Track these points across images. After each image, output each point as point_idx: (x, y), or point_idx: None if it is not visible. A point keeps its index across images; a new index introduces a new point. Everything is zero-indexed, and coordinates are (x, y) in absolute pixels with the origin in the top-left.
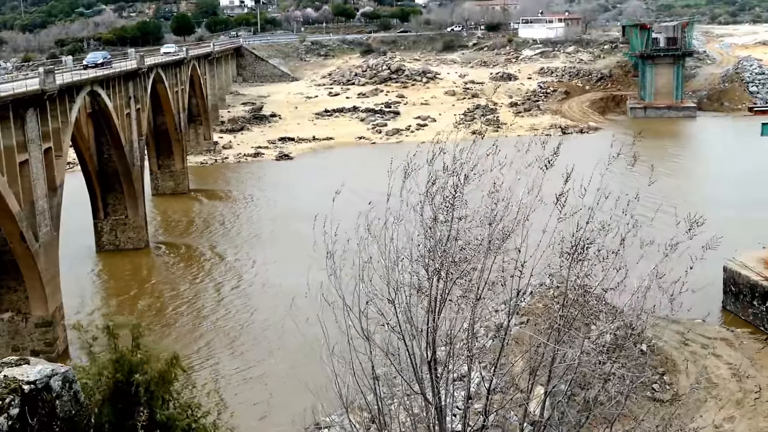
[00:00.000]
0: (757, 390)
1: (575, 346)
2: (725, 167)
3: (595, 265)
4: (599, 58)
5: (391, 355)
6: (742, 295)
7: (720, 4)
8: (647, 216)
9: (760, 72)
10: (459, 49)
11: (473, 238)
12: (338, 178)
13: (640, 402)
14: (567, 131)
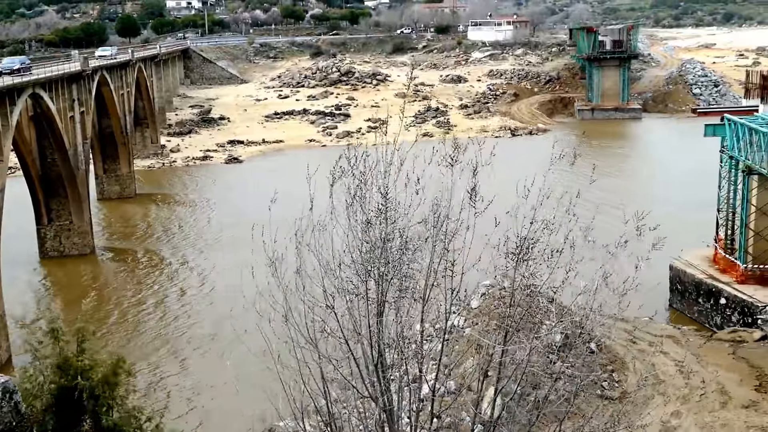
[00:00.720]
0: (702, 385)
1: (524, 346)
2: (671, 168)
3: (540, 264)
4: (547, 60)
5: (342, 360)
6: (688, 293)
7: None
8: (594, 216)
9: (702, 74)
10: (409, 51)
11: (414, 240)
12: (288, 181)
13: (590, 400)
14: (516, 133)
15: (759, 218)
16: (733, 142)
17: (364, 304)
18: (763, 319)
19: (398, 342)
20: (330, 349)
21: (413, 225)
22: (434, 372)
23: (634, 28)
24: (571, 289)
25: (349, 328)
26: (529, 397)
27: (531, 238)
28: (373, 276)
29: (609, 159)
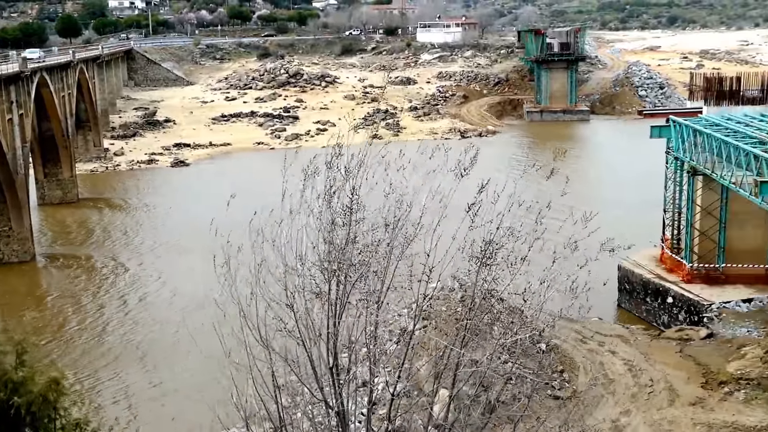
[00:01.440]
0: (650, 384)
1: (480, 349)
2: (619, 169)
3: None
4: (496, 62)
5: (292, 363)
6: (636, 293)
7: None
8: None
9: (648, 77)
10: (358, 53)
11: (373, 242)
12: (236, 184)
13: (542, 401)
14: (466, 135)
15: (704, 218)
16: (678, 144)
17: (323, 305)
18: (708, 318)
19: (354, 345)
20: (283, 351)
21: (376, 228)
22: (388, 375)
23: (581, 31)
24: (521, 290)
25: (306, 329)
26: (482, 400)
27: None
28: (337, 277)
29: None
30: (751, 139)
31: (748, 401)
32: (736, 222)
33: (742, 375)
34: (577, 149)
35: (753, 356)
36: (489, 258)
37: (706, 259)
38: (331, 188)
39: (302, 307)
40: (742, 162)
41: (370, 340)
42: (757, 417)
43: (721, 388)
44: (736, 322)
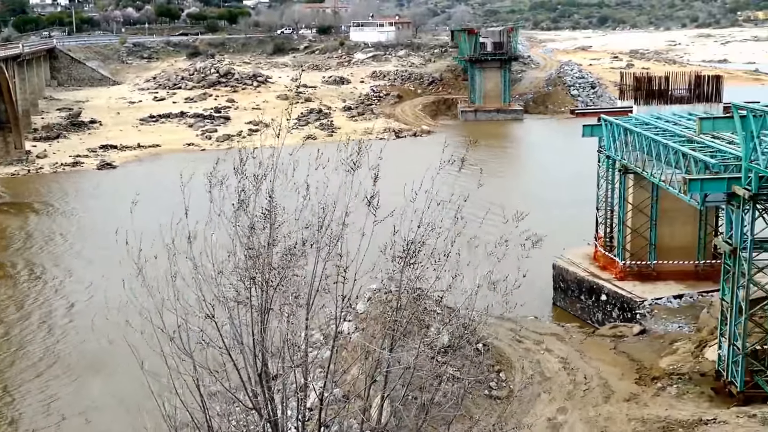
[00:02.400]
0: (586, 381)
1: (411, 349)
2: (553, 168)
3: (427, 267)
4: (430, 62)
5: (217, 372)
6: (571, 291)
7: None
8: (477, 216)
9: (580, 76)
10: (290, 52)
11: (297, 245)
12: (165, 187)
13: (478, 401)
14: (401, 135)
15: (635, 216)
16: (610, 142)
17: (246, 312)
18: (641, 314)
19: (283, 350)
20: (211, 360)
21: (299, 230)
22: (321, 380)
23: (514, 30)
24: (455, 290)
25: (230, 337)
26: (417, 401)
27: (418, 242)
28: (257, 282)
29: (492, 160)
30: (679, 137)
31: (680, 396)
32: (666, 219)
33: (674, 370)
34: (512, 148)
35: (684, 351)
36: (412, 257)
37: (638, 256)
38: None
39: (224, 317)
40: (671, 160)
41: (297, 345)
42: (688, 411)
43: (654, 384)
44: (667, 318)
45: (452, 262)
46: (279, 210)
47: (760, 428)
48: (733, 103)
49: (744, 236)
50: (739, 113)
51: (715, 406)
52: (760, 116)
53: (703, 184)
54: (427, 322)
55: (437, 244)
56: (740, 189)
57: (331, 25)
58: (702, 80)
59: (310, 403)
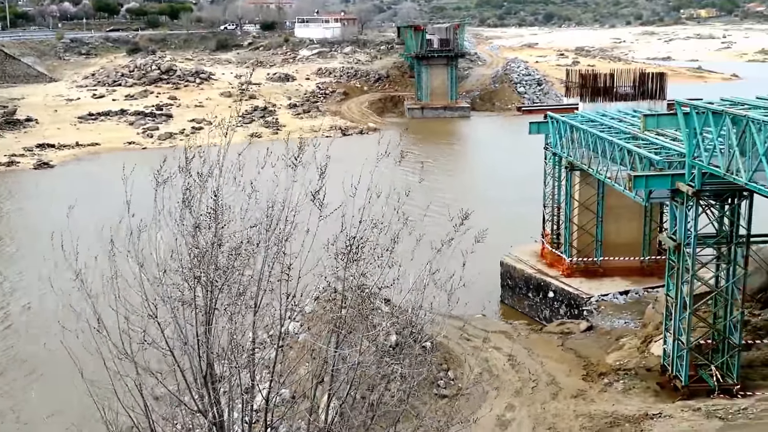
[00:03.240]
0: (534, 378)
1: (356, 348)
2: (500, 165)
3: (370, 264)
4: (376, 58)
5: (159, 374)
6: (518, 288)
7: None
8: (424, 213)
9: (526, 73)
10: (234, 48)
11: (244, 243)
12: (105, 186)
13: (426, 400)
14: (347, 132)
15: (582, 213)
16: (556, 140)
17: (191, 312)
18: (588, 310)
19: (228, 351)
20: (156, 362)
21: (245, 229)
22: (267, 381)
23: (460, 27)
24: (401, 287)
25: (174, 338)
26: (364, 401)
27: (360, 238)
28: (202, 282)
29: (439, 157)
30: (624, 134)
31: (626, 391)
32: (612, 216)
33: (620, 366)
34: (459, 146)
35: (630, 347)
36: (356, 253)
37: (585, 252)
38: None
39: (167, 317)
40: (616, 157)
41: (242, 346)
42: (634, 406)
43: (601, 380)
44: (614, 314)
45: (397, 259)
46: (224, 209)
47: (704, 421)
48: (676, 100)
49: (688, 232)
50: (683, 110)
51: (661, 400)
52: (702, 113)
53: (647, 180)
54: (373, 321)
55: (381, 241)
56: (684, 185)
57: (275, 21)
58: (646, 77)
59: (256, 404)
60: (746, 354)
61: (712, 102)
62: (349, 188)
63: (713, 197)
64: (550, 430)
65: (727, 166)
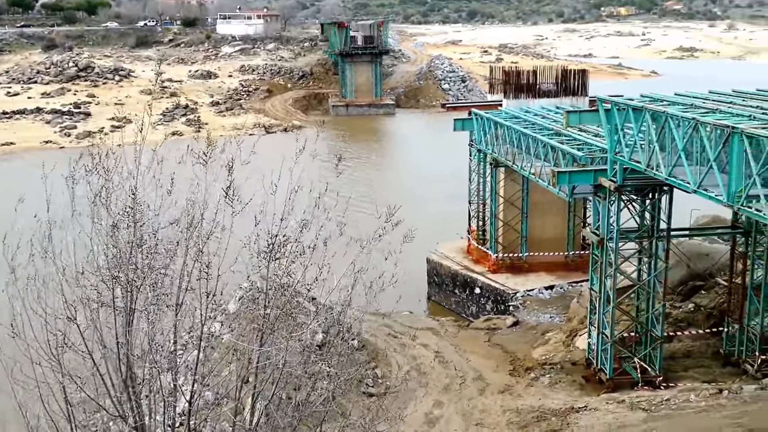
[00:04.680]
0: (461, 374)
1: (281, 347)
2: (424, 162)
3: (293, 262)
4: (300, 55)
5: (78, 378)
6: (445, 285)
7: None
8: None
9: (450, 70)
10: (154, 45)
11: (165, 243)
12: (20, 187)
13: (354, 399)
14: (271, 130)
15: (507, 209)
16: (481, 136)
17: (110, 314)
18: (514, 306)
19: (150, 353)
20: (74, 365)
21: (164, 227)
22: (190, 383)
23: (384, 24)
24: (327, 286)
25: (94, 340)
26: (290, 401)
27: (283, 236)
28: (121, 283)
29: (365, 155)
30: (548, 131)
31: (552, 385)
32: (537, 212)
33: (546, 360)
34: (384, 143)
35: (556, 341)
36: (278, 251)
37: (511, 248)
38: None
39: (87, 319)
40: (540, 153)
41: (164, 347)
42: (561, 399)
43: (527, 374)
44: (539, 309)
45: (322, 257)
46: (143, 208)
47: (628, 413)
48: (597, 96)
49: (610, 227)
50: (604, 107)
51: (586, 393)
52: (623, 110)
53: (570, 176)
54: (298, 319)
55: (304, 238)
56: (606, 181)
57: (196, 17)
58: (568, 74)
59: (180, 407)
60: (668, 346)
61: (633, 98)
62: (269, 186)
63: (635, 192)
64: (478, 425)
65: (648, 161)
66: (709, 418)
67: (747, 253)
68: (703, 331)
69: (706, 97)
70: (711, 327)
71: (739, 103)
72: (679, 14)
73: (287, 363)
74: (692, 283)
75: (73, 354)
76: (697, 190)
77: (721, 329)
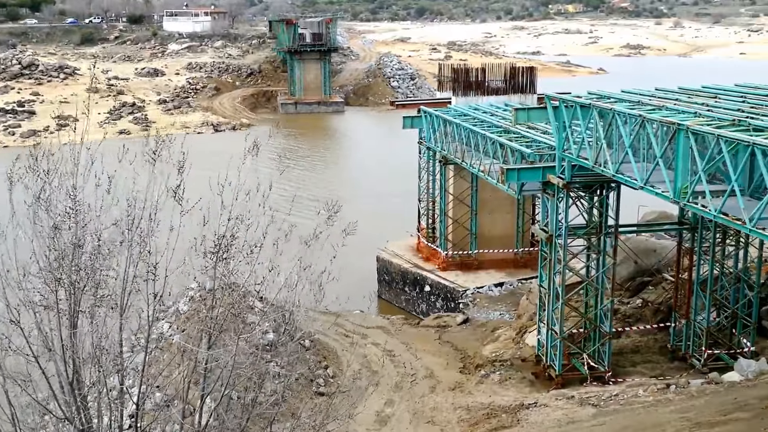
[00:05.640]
0: (412, 372)
1: (229, 348)
2: (374, 160)
3: (240, 261)
4: (248, 53)
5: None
6: (395, 283)
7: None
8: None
9: (399, 68)
10: (99, 42)
11: (107, 243)
12: None
13: (304, 398)
14: (219, 128)
15: (456, 206)
16: (430, 134)
17: (54, 316)
18: (464, 303)
19: (95, 356)
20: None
21: (107, 228)
22: (138, 386)
23: (333, 21)
24: (275, 285)
25: (38, 344)
26: (240, 401)
27: (230, 236)
28: (64, 285)
29: (315, 153)
30: (496, 128)
31: (502, 382)
32: (486, 209)
33: (496, 357)
34: (334, 141)
35: (506, 338)
36: (224, 251)
37: (460, 246)
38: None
39: (31, 322)
40: (489, 150)
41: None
42: (511, 396)
43: (478, 371)
44: (489, 306)
45: (269, 256)
46: (85, 208)
47: (578, 409)
48: (546, 94)
49: (559, 224)
50: (552, 104)
51: (536, 390)
52: (571, 107)
53: (519, 173)
54: (247, 319)
55: (252, 238)
56: (554, 178)
57: (142, 14)
58: (517, 72)
59: (129, 410)
60: (617, 342)
61: (580, 96)
62: (216, 185)
63: (583, 189)
64: (429, 423)
65: (596, 158)
66: (657, 413)
67: (693, 248)
68: (651, 327)
69: (652, 94)
70: (658, 322)
71: (685, 100)
72: (626, 12)
73: (236, 364)
74: (640, 279)
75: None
76: (644, 187)
77: (668, 324)
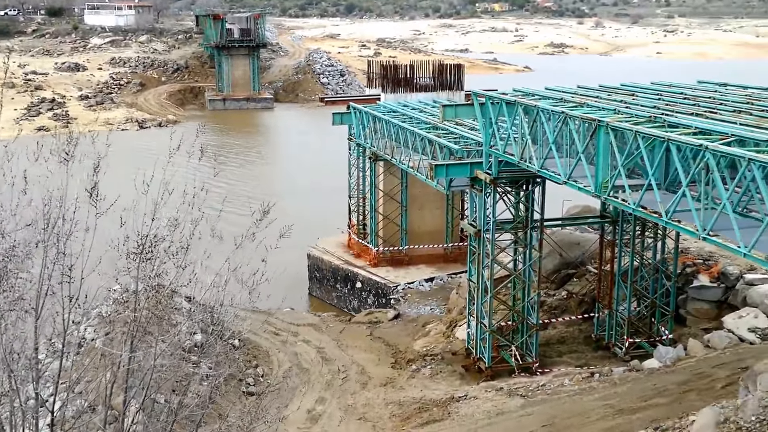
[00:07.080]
0: (344, 369)
1: (153, 350)
2: (303, 157)
3: (165, 262)
4: (174, 48)
5: None
6: (326, 280)
7: None
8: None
9: (329, 64)
10: (16, 35)
11: (22, 245)
12: None
13: (234, 399)
14: (145, 125)
15: (387, 202)
16: (359, 130)
17: None
18: (395, 299)
19: (6, 362)
20: None
21: (20, 229)
22: (61, 392)
23: (261, 17)
24: (203, 285)
25: None
26: (166, 404)
27: (154, 236)
28: None
29: (243, 150)
30: (425, 124)
31: (433, 376)
32: (416, 205)
33: (427, 351)
34: (263, 138)
35: (436, 333)
36: (149, 252)
37: (391, 242)
38: None
39: None
40: (418, 146)
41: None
42: (442, 390)
43: (409, 366)
44: (420, 301)
45: (196, 256)
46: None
47: (507, 400)
48: (473, 91)
49: (487, 218)
50: (479, 101)
51: (466, 383)
52: (497, 103)
53: (447, 169)
54: (173, 320)
55: (178, 237)
56: (482, 173)
57: (62, 6)
58: (445, 69)
59: (49, 418)
60: (543, 333)
61: (506, 93)
62: (141, 184)
63: (509, 184)
64: (361, 420)
65: (521, 154)
66: (582, 401)
67: (615, 241)
68: (576, 318)
69: (574, 92)
70: (583, 313)
71: (605, 97)
72: (549, 11)
73: (160, 366)
74: (565, 271)
75: None
76: (567, 182)
77: (592, 315)
